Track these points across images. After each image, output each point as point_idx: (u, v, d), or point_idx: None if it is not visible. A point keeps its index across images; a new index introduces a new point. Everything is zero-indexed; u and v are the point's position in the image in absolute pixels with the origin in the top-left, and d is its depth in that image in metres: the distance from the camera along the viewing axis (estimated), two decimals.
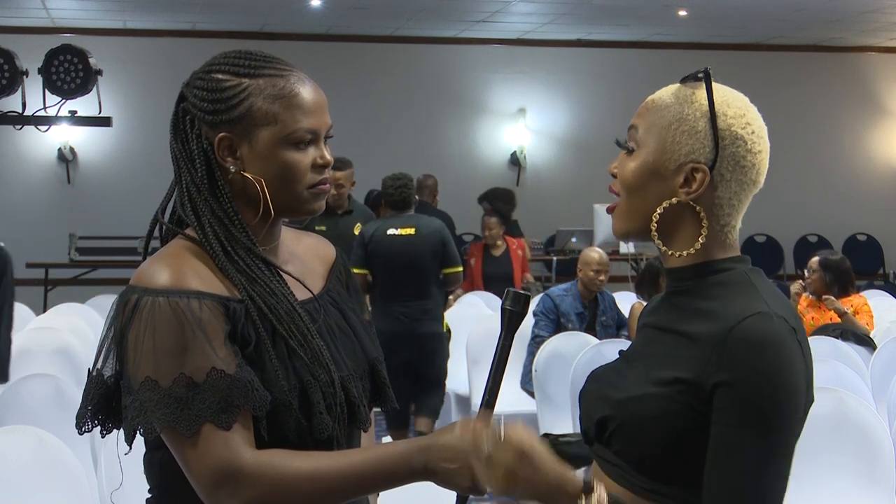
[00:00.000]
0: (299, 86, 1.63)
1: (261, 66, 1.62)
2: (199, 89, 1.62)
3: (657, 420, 1.45)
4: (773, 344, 1.41)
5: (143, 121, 9.88)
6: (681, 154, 1.50)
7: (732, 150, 1.50)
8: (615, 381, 1.55)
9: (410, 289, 5.49)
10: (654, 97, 1.56)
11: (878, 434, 3.59)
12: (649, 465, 1.47)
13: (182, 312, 1.51)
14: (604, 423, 1.52)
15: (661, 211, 1.51)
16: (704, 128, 1.50)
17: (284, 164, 1.61)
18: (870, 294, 7.62)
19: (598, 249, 5.97)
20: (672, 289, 1.57)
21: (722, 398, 1.41)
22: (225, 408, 1.49)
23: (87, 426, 1.61)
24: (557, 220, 9.98)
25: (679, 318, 1.52)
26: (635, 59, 11.07)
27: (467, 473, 1.50)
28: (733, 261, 1.53)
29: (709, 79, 1.52)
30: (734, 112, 1.51)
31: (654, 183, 1.52)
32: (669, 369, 1.47)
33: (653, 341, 1.55)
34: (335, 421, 1.60)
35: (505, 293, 1.61)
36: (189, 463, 1.51)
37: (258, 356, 1.56)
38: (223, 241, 1.60)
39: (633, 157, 1.54)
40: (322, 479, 1.51)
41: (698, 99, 1.52)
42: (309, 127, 1.62)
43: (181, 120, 1.64)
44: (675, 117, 1.51)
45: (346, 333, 1.71)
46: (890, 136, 11.78)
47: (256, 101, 1.60)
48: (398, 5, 9.42)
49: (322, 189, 1.65)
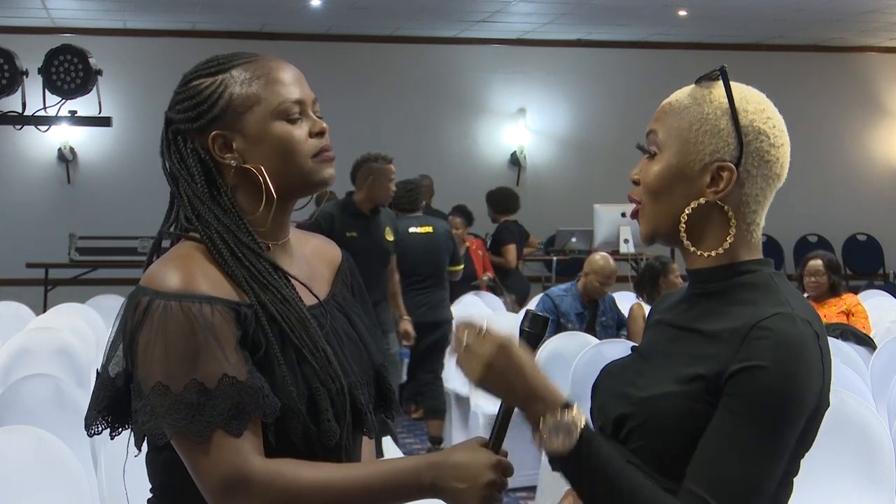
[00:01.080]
0: (272, 63, 1.64)
1: (229, 60, 1.64)
2: (181, 103, 1.63)
3: (678, 419, 1.45)
4: (795, 344, 1.40)
5: (143, 121, 9.86)
6: (705, 154, 1.50)
7: (756, 146, 1.50)
8: (633, 378, 1.54)
9: (431, 281, 6.21)
10: (670, 100, 1.56)
11: (878, 434, 3.58)
12: (669, 463, 1.46)
13: (194, 317, 1.50)
14: (622, 421, 1.51)
15: (690, 212, 1.51)
16: (727, 125, 1.50)
17: (279, 138, 1.60)
18: (870, 294, 7.63)
19: (607, 257, 5.90)
20: (697, 290, 1.56)
21: (734, 385, 1.40)
22: (236, 415, 1.49)
23: (96, 428, 1.61)
24: (557, 220, 9.97)
25: (700, 318, 1.51)
26: (635, 59, 11.07)
27: (476, 494, 1.50)
28: (758, 263, 1.53)
29: (726, 76, 1.52)
30: (754, 107, 1.51)
31: (680, 185, 1.51)
32: (691, 367, 1.46)
33: (671, 339, 1.54)
34: (343, 428, 1.59)
35: (524, 314, 1.60)
36: (199, 469, 1.50)
37: (268, 362, 1.55)
38: (232, 246, 1.59)
39: (656, 162, 1.53)
40: (331, 491, 1.51)
41: (717, 97, 1.51)
42: (293, 98, 1.62)
43: (172, 142, 1.64)
44: (696, 118, 1.51)
45: (352, 339, 1.71)
46: (890, 136, 11.78)
47: (234, 90, 1.60)
48: (398, 5, 9.42)
49: (326, 155, 1.64)
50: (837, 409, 3.57)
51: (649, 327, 1.65)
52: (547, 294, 5.89)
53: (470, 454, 1.53)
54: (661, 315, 1.62)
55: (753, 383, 1.39)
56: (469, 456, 1.52)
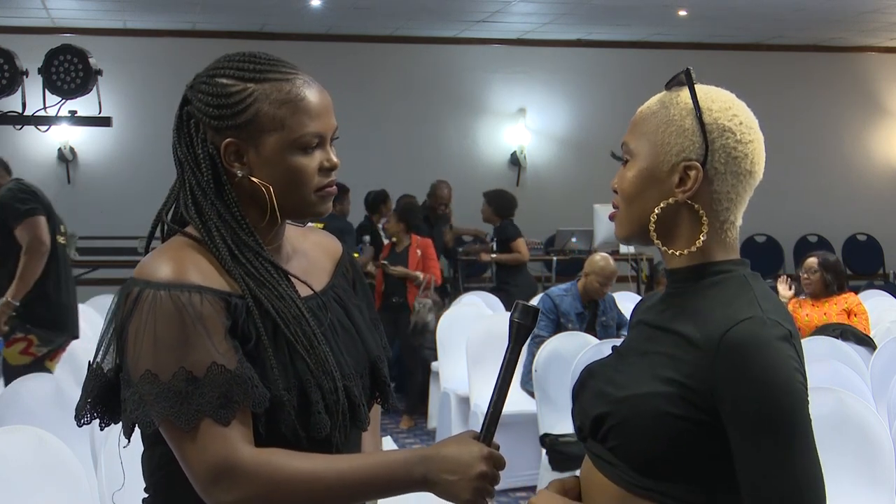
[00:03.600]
0: (305, 89, 1.62)
1: (266, 70, 1.61)
2: (204, 94, 1.61)
3: (656, 419, 1.45)
4: (764, 348, 1.41)
5: (143, 121, 9.87)
6: (672, 154, 1.51)
7: (722, 143, 1.51)
8: (613, 377, 1.55)
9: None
10: (641, 109, 1.59)
11: (878, 434, 3.58)
12: (646, 463, 1.47)
13: (183, 306, 1.51)
14: (601, 420, 1.52)
15: (659, 212, 1.52)
16: (692, 125, 1.51)
17: (291, 168, 1.60)
18: (870, 294, 7.62)
19: (608, 258, 5.89)
20: (671, 289, 1.57)
21: (728, 413, 1.42)
22: (224, 403, 1.49)
23: (86, 418, 1.61)
24: (557, 220, 9.97)
25: (675, 318, 1.52)
26: (635, 59, 11.07)
27: (467, 486, 1.50)
28: (733, 263, 1.54)
29: (690, 78, 1.54)
30: (719, 106, 1.53)
31: (652, 187, 1.53)
32: (668, 370, 1.47)
33: (649, 339, 1.55)
34: (335, 422, 1.59)
35: (514, 305, 1.61)
36: (187, 457, 1.50)
37: (258, 353, 1.56)
38: (229, 243, 1.59)
39: (629, 168, 1.56)
40: (320, 482, 1.51)
41: (683, 99, 1.53)
42: (315, 131, 1.61)
43: (185, 123, 1.63)
44: (663, 121, 1.53)
45: (347, 330, 1.71)
46: (890, 136, 11.78)
47: (262, 107, 1.59)
48: (398, 5, 9.41)
49: (329, 192, 1.65)
50: (837, 409, 3.57)
51: (631, 328, 1.67)
52: (547, 294, 5.89)
53: (461, 447, 1.53)
54: (641, 316, 1.64)
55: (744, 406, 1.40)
56: (460, 448, 1.52)
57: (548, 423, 5.01)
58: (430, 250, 7.64)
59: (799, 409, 1.42)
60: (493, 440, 1.57)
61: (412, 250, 7.57)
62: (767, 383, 1.40)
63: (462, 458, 1.51)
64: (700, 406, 1.44)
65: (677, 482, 1.46)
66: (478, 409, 5.60)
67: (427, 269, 7.53)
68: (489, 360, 5.50)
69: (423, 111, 10.81)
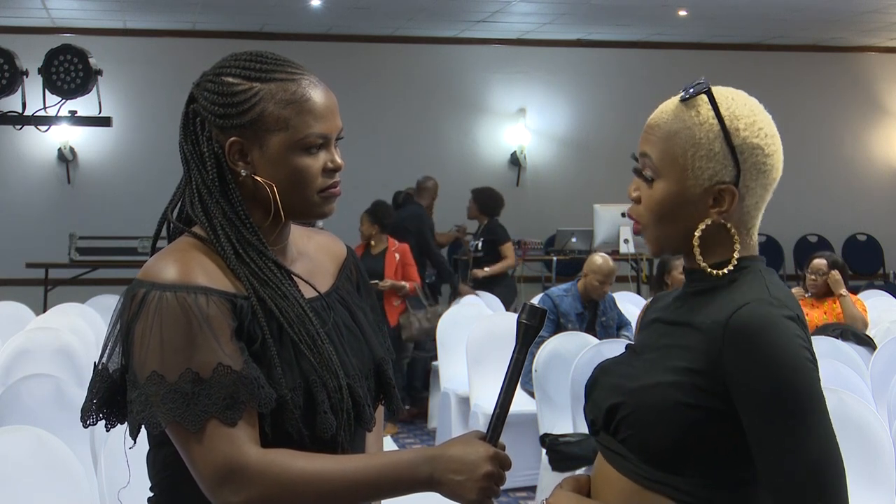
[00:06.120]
0: (311, 90, 1.62)
1: (272, 70, 1.62)
2: (210, 92, 1.61)
3: (669, 409, 1.46)
4: (769, 327, 1.42)
5: (143, 121, 9.88)
6: (704, 178, 1.52)
7: (752, 161, 1.52)
8: (626, 371, 1.56)
9: None
10: (657, 121, 1.56)
11: (878, 434, 3.58)
12: (658, 454, 1.47)
13: (189, 307, 1.51)
14: (613, 411, 1.53)
15: (700, 234, 1.53)
16: (721, 148, 1.51)
17: (296, 169, 1.61)
18: (870, 294, 7.63)
19: (606, 257, 5.89)
20: (692, 288, 1.58)
21: (739, 396, 1.43)
22: (231, 404, 1.49)
23: (92, 419, 1.61)
24: (557, 220, 9.97)
25: (691, 312, 1.54)
26: (635, 59, 11.07)
27: (473, 486, 1.50)
28: (750, 259, 1.56)
29: (712, 97, 1.53)
30: (745, 123, 1.52)
31: (684, 208, 1.54)
32: (680, 360, 1.48)
33: (664, 335, 1.56)
34: (340, 422, 1.60)
35: (522, 307, 1.60)
36: (193, 459, 1.50)
37: (263, 353, 1.56)
38: (234, 242, 1.60)
39: (656, 188, 1.55)
40: (326, 482, 1.51)
41: (706, 119, 1.52)
42: (320, 132, 1.62)
43: (191, 121, 1.63)
44: (689, 143, 1.52)
45: (351, 331, 1.71)
46: (890, 136, 11.78)
47: (268, 107, 1.59)
48: (398, 5, 9.41)
49: (332, 192, 1.65)
50: (837, 409, 3.57)
51: (645, 327, 1.67)
52: (547, 294, 5.89)
53: (467, 447, 1.53)
54: (656, 314, 1.64)
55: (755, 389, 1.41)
56: (466, 449, 1.52)
57: (548, 423, 5.00)
58: (409, 255, 7.41)
59: (809, 384, 1.42)
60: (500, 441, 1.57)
61: (389, 254, 7.33)
62: (776, 360, 1.41)
63: (468, 459, 1.51)
64: (712, 392, 1.44)
65: (689, 475, 1.47)
66: (478, 409, 5.59)
67: (407, 276, 7.34)
68: (489, 360, 5.50)
69: (423, 111, 10.81)
